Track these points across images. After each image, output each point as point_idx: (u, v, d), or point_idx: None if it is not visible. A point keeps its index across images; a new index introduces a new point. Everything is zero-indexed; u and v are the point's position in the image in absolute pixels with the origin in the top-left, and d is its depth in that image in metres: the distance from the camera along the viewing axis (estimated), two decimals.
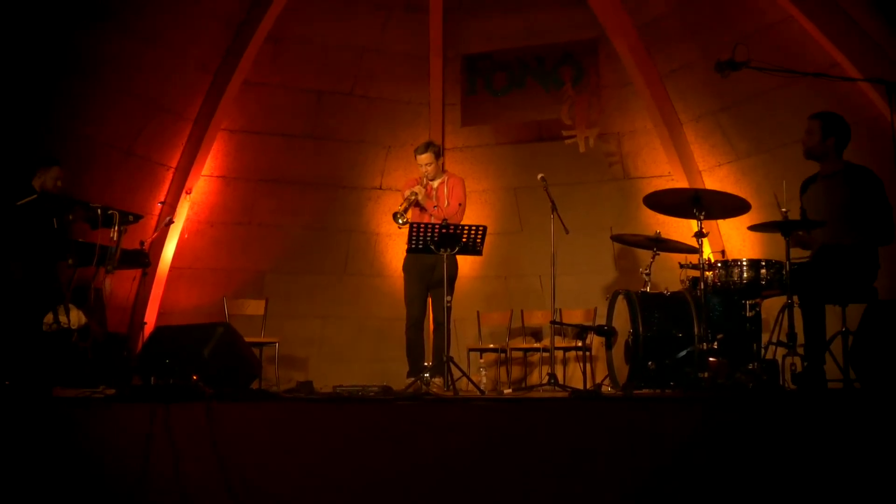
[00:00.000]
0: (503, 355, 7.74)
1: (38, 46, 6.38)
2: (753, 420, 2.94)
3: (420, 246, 5.81)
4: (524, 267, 8.24)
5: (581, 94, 7.93)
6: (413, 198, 6.26)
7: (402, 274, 6.53)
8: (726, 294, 4.86)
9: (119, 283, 6.94)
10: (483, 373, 6.19)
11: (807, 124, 4.98)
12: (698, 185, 7.58)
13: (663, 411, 3.12)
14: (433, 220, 6.17)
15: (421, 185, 6.37)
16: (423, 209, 6.37)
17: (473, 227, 5.81)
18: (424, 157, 6.44)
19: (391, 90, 8.53)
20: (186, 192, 7.83)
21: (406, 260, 6.48)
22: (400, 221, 6.11)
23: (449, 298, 5.79)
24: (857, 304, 4.62)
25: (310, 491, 3.37)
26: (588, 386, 6.68)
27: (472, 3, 8.33)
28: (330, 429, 3.47)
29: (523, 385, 7.48)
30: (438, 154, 6.50)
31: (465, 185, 6.62)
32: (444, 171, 6.65)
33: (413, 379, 5.86)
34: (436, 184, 6.52)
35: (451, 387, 5.49)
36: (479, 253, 5.97)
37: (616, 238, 6.05)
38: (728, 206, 5.06)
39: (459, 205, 6.43)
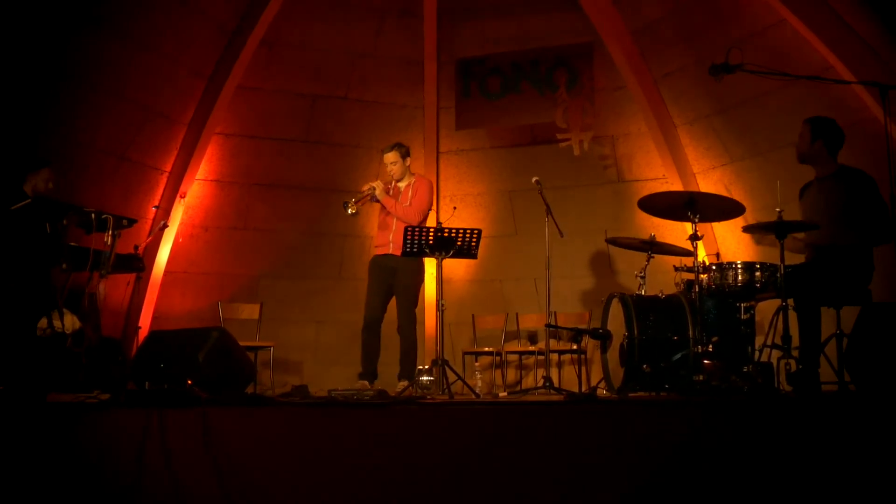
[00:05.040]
0: (498, 358, 7.74)
1: (32, 52, 6.37)
2: (748, 423, 2.94)
3: (415, 249, 5.82)
4: (519, 270, 8.24)
5: (575, 97, 7.94)
6: (371, 192, 6.28)
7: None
8: (721, 297, 4.86)
9: (113, 288, 6.92)
10: (478, 376, 6.19)
11: (800, 128, 5.01)
12: (693, 188, 7.59)
13: (658, 414, 3.12)
14: (395, 220, 6.35)
15: (379, 181, 6.39)
16: (382, 207, 6.40)
17: (468, 231, 5.82)
18: (390, 156, 6.46)
19: (386, 94, 8.54)
20: (181, 197, 7.82)
21: (371, 262, 6.55)
22: (349, 211, 6.21)
23: (443, 301, 5.81)
24: (851, 306, 4.63)
25: (305, 495, 3.36)
26: (583, 389, 6.70)
27: (466, 8, 8.34)
28: (325, 433, 3.46)
29: (518, 388, 7.48)
30: (405, 155, 6.51)
31: (431, 187, 6.65)
32: (411, 173, 6.64)
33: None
34: (402, 185, 6.53)
35: (447, 390, 5.49)
36: (473, 256, 5.98)
37: (611, 241, 6.06)
38: (722, 208, 5.07)
39: (419, 210, 6.41)
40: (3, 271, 5.36)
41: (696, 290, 4.79)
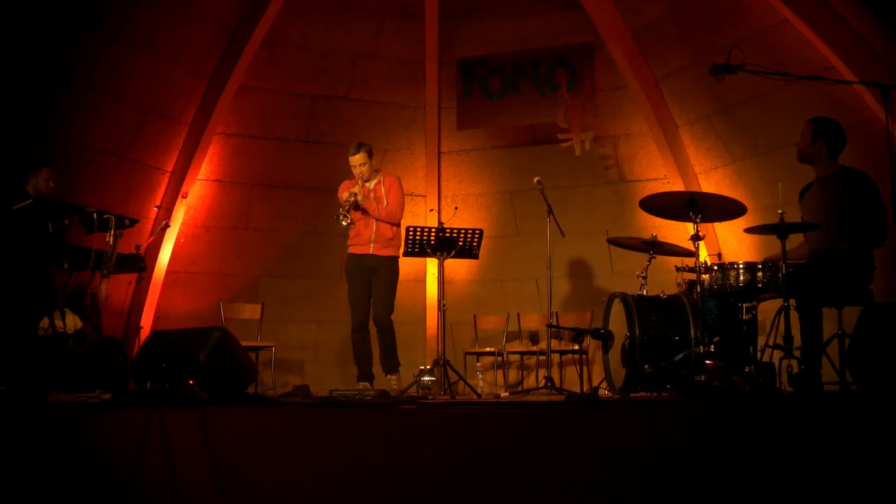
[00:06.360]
0: (500, 359, 7.74)
1: (32, 53, 6.38)
2: (750, 423, 2.94)
3: (416, 250, 5.83)
4: (520, 270, 8.24)
5: (576, 97, 7.94)
6: (353, 199, 6.16)
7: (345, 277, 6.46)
8: (723, 297, 4.85)
9: (115, 288, 6.93)
10: (480, 376, 6.20)
11: (802, 127, 5.01)
12: (694, 188, 7.59)
13: (660, 415, 3.11)
14: (373, 221, 6.27)
15: (358, 186, 6.26)
16: (363, 211, 6.29)
17: (470, 231, 5.83)
18: (357, 158, 6.29)
19: (386, 94, 8.54)
20: (182, 197, 7.82)
21: (347, 262, 6.43)
22: (344, 223, 6.06)
23: (444, 301, 5.81)
24: (853, 306, 4.63)
25: (305, 495, 3.36)
26: (585, 389, 6.69)
27: (467, 8, 8.35)
28: (326, 433, 3.46)
29: (520, 389, 7.48)
30: (371, 154, 6.37)
31: (401, 183, 6.52)
32: (376, 171, 6.53)
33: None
34: (371, 184, 6.42)
35: (448, 390, 5.49)
36: (475, 256, 5.99)
37: (612, 241, 6.06)
38: (724, 209, 5.06)
39: (399, 208, 6.38)
40: (5, 271, 5.37)
41: (698, 290, 4.79)
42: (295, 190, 8.40)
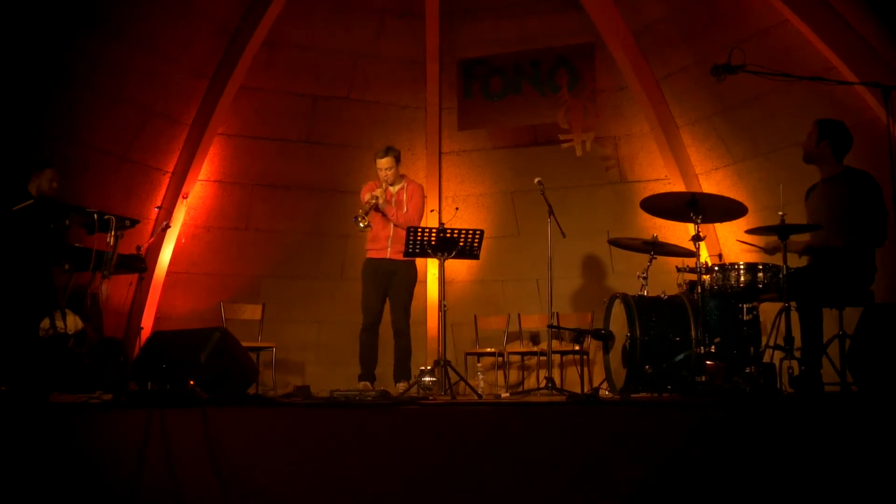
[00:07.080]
0: (500, 359, 7.74)
1: (32, 53, 6.38)
2: (751, 424, 2.94)
3: (417, 250, 5.83)
4: (521, 271, 8.24)
5: (577, 98, 7.94)
6: (374, 201, 6.21)
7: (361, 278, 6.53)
8: (723, 298, 4.86)
9: (116, 288, 6.93)
10: (480, 377, 6.20)
11: (805, 128, 5.02)
12: (695, 189, 7.58)
13: (661, 415, 3.11)
14: (391, 225, 6.34)
15: (381, 189, 6.32)
16: (384, 214, 6.36)
17: (471, 231, 5.83)
18: (385, 162, 6.37)
19: (387, 94, 8.54)
20: (183, 197, 7.83)
21: (364, 265, 6.52)
22: (361, 225, 6.07)
23: (445, 302, 5.81)
24: (853, 307, 4.63)
25: (306, 496, 3.36)
26: (585, 390, 6.69)
27: (467, 8, 8.34)
28: (327, 434, 3.46)
29: (521, 389, 7.47)
30: (398, 159, 6.45)
31: (423, 191, 6.63)
32: (401, 176, 6.58)
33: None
34: (395, 189, 6.48)
35: (449, 391, 5.49)
36: (476, 257, 5.98)
37: (613, 242, 6.06)
38: (725, 209, 5.06)
39: (418, 216, 6.45)
40: (6, 271, 5.37)
41: (699, 290, 4.79)
42: (295, 190, 8.40)
